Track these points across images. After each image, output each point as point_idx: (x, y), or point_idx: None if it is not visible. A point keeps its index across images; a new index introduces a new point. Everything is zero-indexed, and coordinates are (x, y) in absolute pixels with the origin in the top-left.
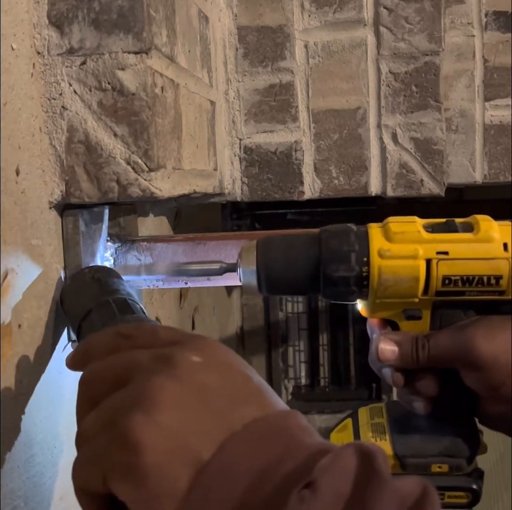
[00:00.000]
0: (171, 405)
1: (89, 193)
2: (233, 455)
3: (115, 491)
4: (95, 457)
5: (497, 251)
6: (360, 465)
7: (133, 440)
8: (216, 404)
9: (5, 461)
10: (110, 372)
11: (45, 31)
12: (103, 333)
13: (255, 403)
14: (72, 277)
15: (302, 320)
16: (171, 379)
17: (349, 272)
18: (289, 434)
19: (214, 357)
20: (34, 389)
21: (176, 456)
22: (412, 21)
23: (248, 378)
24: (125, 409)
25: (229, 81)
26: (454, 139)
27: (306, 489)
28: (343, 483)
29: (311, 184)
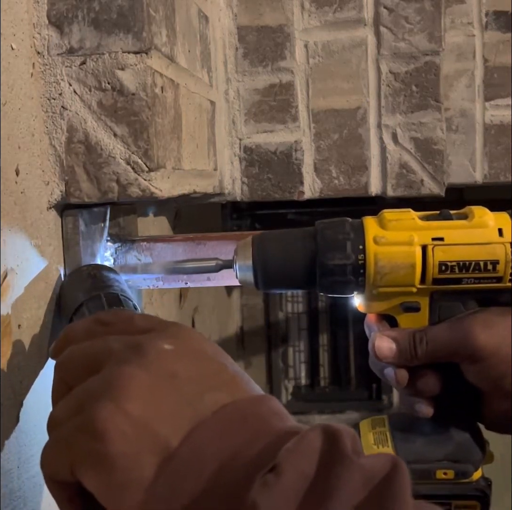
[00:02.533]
0: (140, 394)
1: (89, 193)
2: (200, 442)
3: (82, 479)
4: (63, 444)
5: (492, 236)
6: (325, 445)
7: (100, 428)
8: (186, 392)
9: (5, 462)
10: (83, 358)
11: (45, 31)
12: (82, 320)
13: (227, 390)
14: (70, 274)
15: (302, 320)
16: (140, 368)
17: (345, 260)
18: (259, 419)
19: (187, 344)
20: (33, 389)
21: (143, 444)
22: (412, 21)
23: (221, 365)
24: (94, 397)
25: (229, 81)
26: (454, 139)
27: (270, 473)
28: (307, 464)
29: (311, 184)
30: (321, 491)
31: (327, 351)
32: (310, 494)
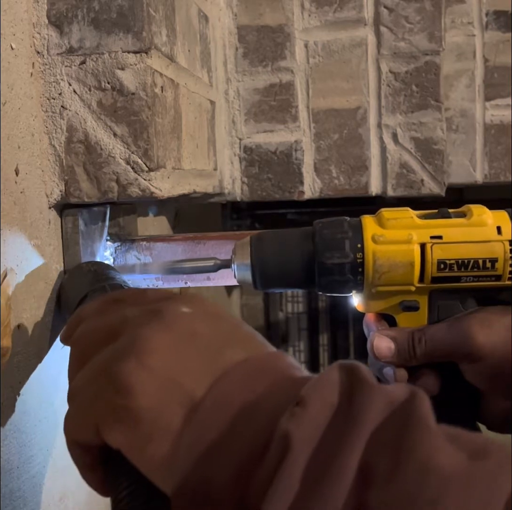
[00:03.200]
0: (162, 350)
1: (88, 193)
2: (225, 391)
3: (108, 438)
4: (87, 406)
5: (491, 234)
6: (344, 376)
7: (125, 383)
8: (206, 348)
9: (5, 462)
10: (100, 330)
11: (44, 30)
12: (93, 301)
13: (245, 346)
14: (70, 270)
15: (302, 320)
16: (160, 328)
17: (343, 258)
18: (278, 370)
19: (203, 307)
20: (33, 389)
21: (169, 396)
22: (413, 20)
23: (238, 324)
24: (116, 358)
25: (229, 81)
26: (454, 138)
27: (296, 406)
28: (330, 394)
29: (311, 184)
30: (345, 416)
31: (327, 351)
32: (335, 419)
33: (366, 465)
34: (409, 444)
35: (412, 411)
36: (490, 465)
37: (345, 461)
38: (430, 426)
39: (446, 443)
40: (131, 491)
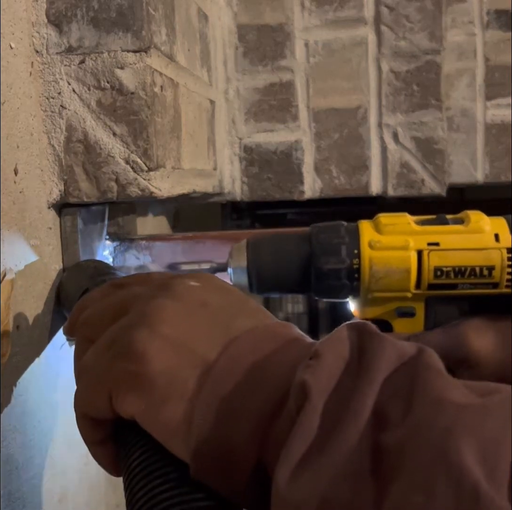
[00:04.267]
0: (174, 319)
1: (88, 192)
2: (238, 353)
3: (122, 406)
4: (98, 377)
5: (488, 242)
6: (354, 332)
7: (137, 350)
8: (217, 317)
9: (4, 463)
10: (108, 310)
11: (43, 29)
12: (96, 289)
13: (254, 316)
14: (69, 268)
15: (302, 321)
16: (172, 299)
17: (339, 264)
18: (289, 336)
19: (212, 281)
20: (32, 389)
21: (182, 360)
22: (413, 19)
23: (246, 298)
24: (127, 329)
25: (229, 80)
26: (455, 138)
27: (311, 360)
28: (342, 347)
29: (311, 183)
30: (357, 365)
31: None
32: (348, 369)
33: (380, 408)
34: (420, 385)
35: (422, 361)
36: (502, 397)
37: (358, 405)
38: (441, 371)
39: (458, 384)
40: (144, 459)
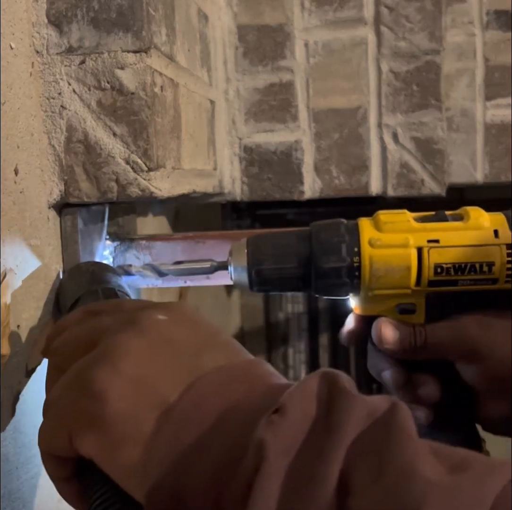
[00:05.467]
0: (137, 356)
1: (88, 193)
2: (200, 395)
3: (81, 446)
4: (60, 416)
5: (488, 238)
6: (323, 385)
7: (97, 390)
8: (182, 354)
9: (4, 463)
10: (77, 340)
11: (44, 30)
12: (71, 314)
13: (223, 352)
14: (68, 270)
15: (302, 321)
16: (135, 334)
17: (340, 262)
18: (256, 377)
19: (181, 314)
20: (33, 390)
21: (141, 400)
22: (413, 20)
23: (215, 331)
24: (90, 366)
25: (229, 80)
26: (455, 138)
27: (275, 414)
28: (309, 404)
29: (311, 183)
30: (324, 426)
31: (327, 351)
32: (314, 429)
33: (347, 473)
34: (390, 452)
35: (393, 421)
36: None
37: (325, 471)
38: (412, 436)
39: (428, 453)
40: (105, 499)
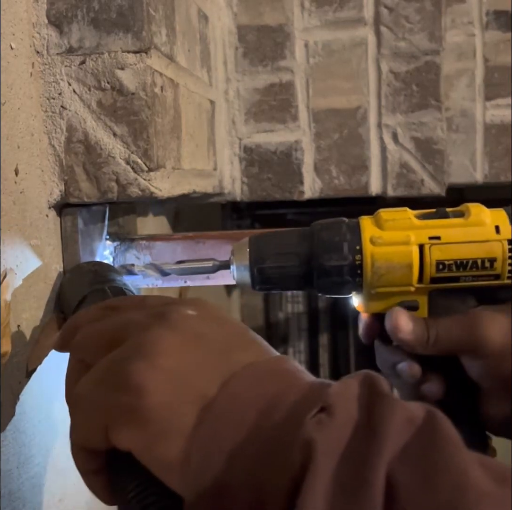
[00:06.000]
0: (171, 351)
1: (88, 193)
2: (238, 390)
3: (118, 439)
4: (96, 408)
5: (489, 234)
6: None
7: (135, 383)
8: (215, 349)
9: (4, 462)
10: (103, 334)
11: (44, 30)
12: (90, 308)
13: (253, 349)
14: (70, 270)
15: (302, 321)
16: (169, 330)
17: (342, 261)
18: (288, 373)
19: (208, 311)
20: (33, 389)
21: (181, 395)
22: (413, 20)
23: (244, 328)
24: (125, 360)
25: (229, 81)
26: (454, 138)
27: (321, 413)
28: (352, 406)
29: (311, 184)
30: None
31: (327, 351)
32: (357, 433)
33: (393, 480)
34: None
35: (438, 430)
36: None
37: (372, 475)
38: (460, 445)
39: (477, 463)
40: (140, 491)
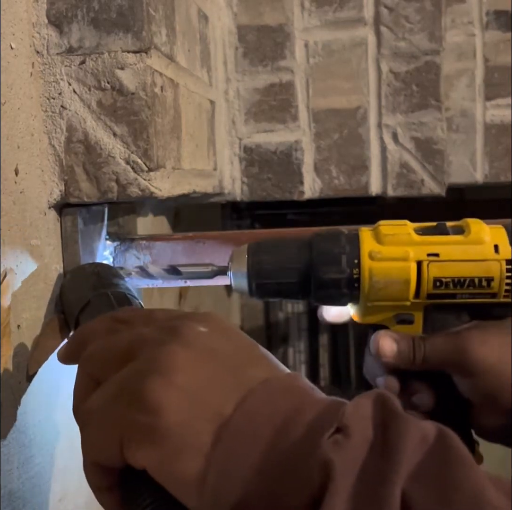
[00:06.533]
0: (186, 368)
1: (88, 193)
2: (254, 408)
3: (134, 457)
4: (109, 426)
5: (488, 253)
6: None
7: (152, 401)
8: (228, 366)
9: (4, 462)
10: (115, 350)
11: (44, 30)
12: (97, 320)
13: (265, 366)
14: (72, 271)
15: (302, 321)
16: (182, 346)
17: (340, 274)
18: (301, 390)
19: (219, 326)
20: (33, 390)
21: (198, 413)
22: (413, 20)
23: (254, 344)
24: (139, 376)
25: (229, 81)
26: (454, 138)
27: (337, 433)
28: (366, 426)
29: (311, 184)
30: (381, 450)
31: (327, 351)
32: (372, 453)
33: (408, 498)
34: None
35: (450, 447)
36: None
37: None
38: (473, 464)
39: (489, 481)
40: (155, 507)
